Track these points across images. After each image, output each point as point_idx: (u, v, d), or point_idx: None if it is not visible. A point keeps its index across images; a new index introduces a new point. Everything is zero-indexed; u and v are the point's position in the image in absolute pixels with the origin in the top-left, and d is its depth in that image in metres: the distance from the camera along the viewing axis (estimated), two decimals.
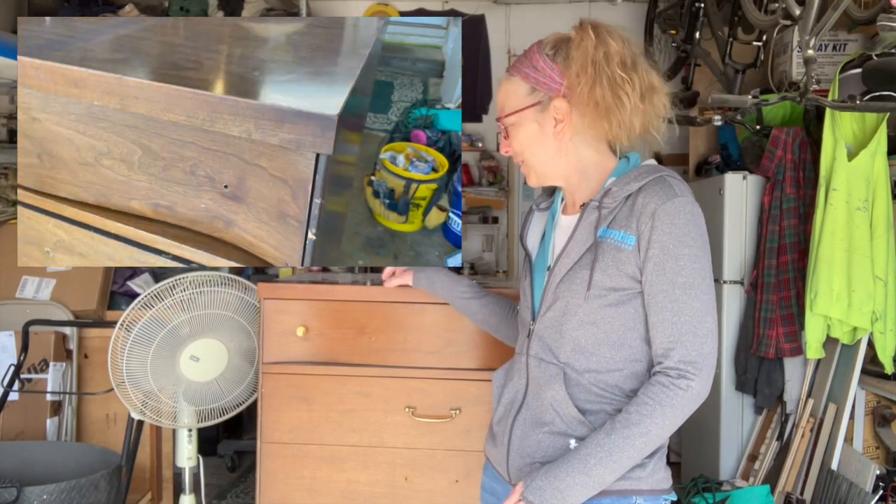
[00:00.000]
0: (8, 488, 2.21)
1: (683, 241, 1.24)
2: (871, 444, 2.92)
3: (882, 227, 2.71)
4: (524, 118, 1.37)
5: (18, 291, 3.03)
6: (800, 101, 2.66)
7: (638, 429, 1.22)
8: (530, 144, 1.37)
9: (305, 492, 1.97)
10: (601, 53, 1.31)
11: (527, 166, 1.41)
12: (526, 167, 1.41)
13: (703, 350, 1.23)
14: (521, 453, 1.36)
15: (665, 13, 4.10)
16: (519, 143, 1.39)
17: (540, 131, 1.36)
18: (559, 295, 1.32)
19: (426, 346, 1.94)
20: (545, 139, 1.36)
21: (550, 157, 1.37)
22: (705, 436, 3.42)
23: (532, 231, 1.49)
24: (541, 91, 1.35)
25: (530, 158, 1.39)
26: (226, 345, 2.32)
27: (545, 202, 1.50)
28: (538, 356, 1.36)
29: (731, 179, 3.27)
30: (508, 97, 1.39)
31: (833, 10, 2.29)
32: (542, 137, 1.36)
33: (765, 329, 3.07)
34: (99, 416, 3.06)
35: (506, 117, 1.39)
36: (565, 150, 1.37)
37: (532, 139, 1.37)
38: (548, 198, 1.51)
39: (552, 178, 1.41)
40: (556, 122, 1.35)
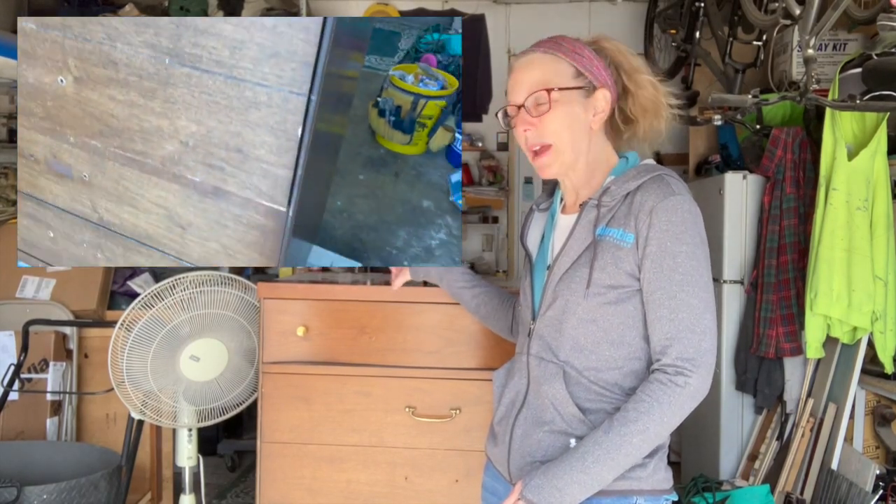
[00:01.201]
0: (8, 488, 2.21)
1: (681, 239, 1.25)
2: (871, 444, 2.92)
3: (882, 227, 2.71)
4: (571, 98, 1.33)
5: (18, 291, 3.03)
6: (800, 100, 2.66)
7: (636, 426, 1.22)
8: (569, 126, 1.33)
9: (305, 492, 1.97)
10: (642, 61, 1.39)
11: (553, 152, 1.34)
12: (551, 153, 1.34)
13: (700, 347, 1.23)
14: (521, 452, 1.36)
15: (665, 13, 4.10)
16: (558, 122, 1.32)
17: (582, 115, 1.34)
18: (559, 293, 1.32)
19: (426, 346, 1.94)
20: (583, 125, 1.35)
21: (581, 144, 1.35)
22: (705, 435, 3.42)
23: (532, 231, 1.49)
24: (587, 77, 1.34)
25: (561, 142, 1.33)
26: (226, 344, 2.32)
27: (545, 202, 1.50)
28: (538, 355, 1.36)
29: (731, 179, 3.26)
30: (552, 72, 1.33)
31: (833, 9, 2.29)
32: (582, 122, 1.35)
33: (765, 329, 3.07)
34: (99, 415, 3.06)
35: (555, 91, 1.31)
36: (592, 143, 1.37)
37: (573, 121, 1.33)
38: (547, 198, 1.50)
39: (572, 167, 1.37)
40: (596, 112, 1.35)
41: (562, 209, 1.45)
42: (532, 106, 1.33)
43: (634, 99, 1.38)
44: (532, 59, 1.36)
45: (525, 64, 1.36)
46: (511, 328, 1.65)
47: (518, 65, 1.37)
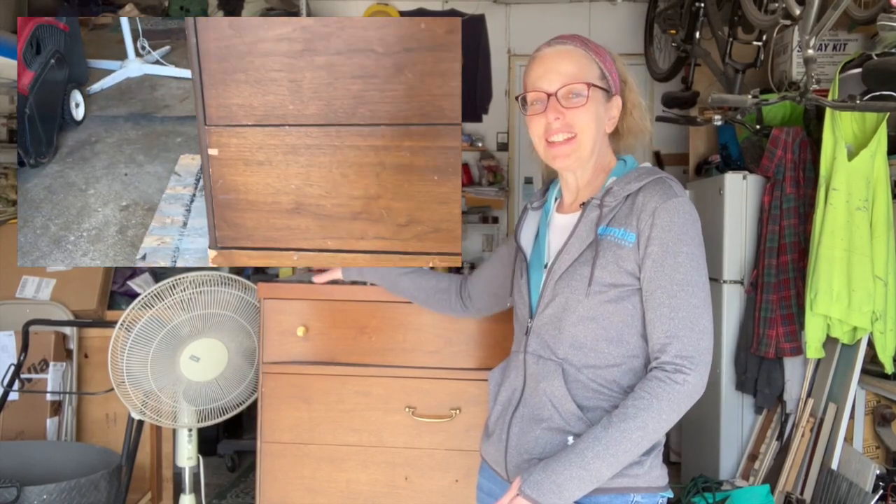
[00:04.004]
0: (8, 488, 2.21)
1: (682, 240, 1.27)
2: (871, 444, 2.92)
3: (882, 227, 2.71)
4: (598, 97, 1.36)
5: (18, 291, 3.03)
6: (800, 100, 2.65)
7: (635, 422, 1.23)
8: (596, 123, 1.36)
9: (305, 491, 1.97)
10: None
11: (576, 143, 1.35)
12: (574, 143, 1.35)
13: (699, 346, 1.25)
14: (519, 450, 1.36)
15: (665, 13, 4.10)
16: (588, 117, 1.34)
17: (603, 116, 1.38)
18: (558, 291, 1.33)
19: (426, 345, 1.94)
20: (602, 126, 1.38)
21: (599, 142, 1.39)
22: (705, 436, 3.42)
23: (526, 229, 1.49)
24: (608, 81, 1.38)
25: (585, 136, 1.35)
26: (226, 344, 2.32)
27: (538, 201, 1.51)
28: (536, 353, 1.36)
29: (731, 179, 3.27)
30: (586, 69, 1.35)
31: (833, 10, 2.29)
32: (602, 123, 1.38)
33: (765, 329, 3.07)
34: (99, 415, 3.06)
35: (591, 86, 1.34)
36: (603, 143, 1.41)
37: (598, 120, 1.37)
38: (541, 196, 1.51)
39: (585, 163, 1.39)
40: (610, 117, 1.39)
41: (557, 208, 1.45)
42: (564, 96, 1.34)
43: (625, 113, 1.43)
44: (569, 50, 1.37)
45: (561, 54, 1.36)
46: (462, 305, 1.72)
47: (551, 53, 1.37)
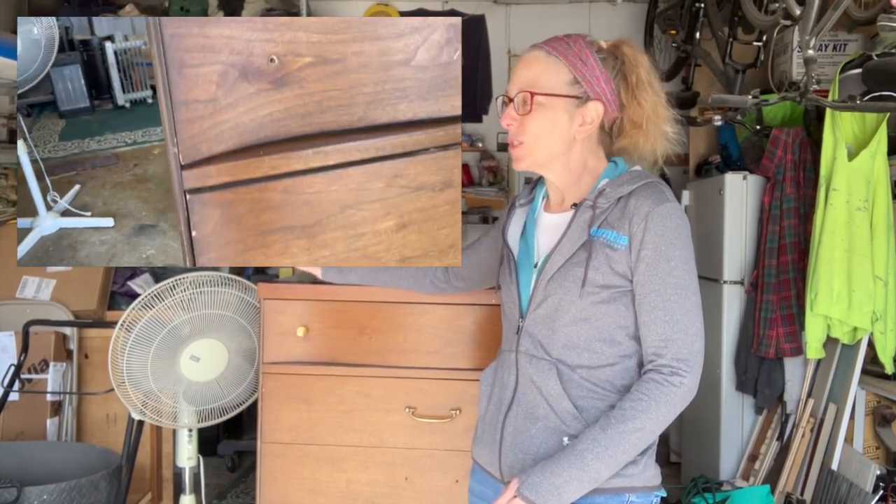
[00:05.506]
0: (8, 488, 2.21)
1: (675, 244, 1.28)
2: (871, 444, 2.92)
3: (882, 228, 2.71)
4: (558, 105, 1.34)
5: (18, 291, 3.03)
6: (800, 101, 2.66)
7: (633, 424, 1.24)
8: (548, 131, 1.34)
9: (305, 492, 1.97)
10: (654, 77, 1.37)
11: (525, 149, 1.36)
12: (523, 149, 1.36)
13: (693, 348, 1.27)
14: (514, 449, 1.36)
15: (665, 13, 4.10)
16: (538, 125, 1.34)
17: (566, 124, 1.34)
18: (551, 291, 1.33)
19: (426, 346, 1.94)
20: (564, 133, 1.35)
21: (557, 150, 1.36)
22: (705, 436, 3.42)
23: (513, 227, 1.49)
24: (583, 86, 1.34)
25: (534, 144, 1.35)
26: (226, 345, 2.32)
27: (525, 198, 1.51)
28: (529, 352, 1.36)
29: (731, 179, 3.26)
30: (546, 75, 1.34)
31: (833, 10, 2.29)
32: (563, 130, 1.35)
33: (765, 329, 3.07)
34: (99, 416, 3.06)
35: (539, 95, 1.33)
36: (573, 150, 1.37)
37: (553, 127, 1.34)
38: (528, 194, 1.51)
39: (544, 168, 1.39)
40: (584, 123, 1.35)
41: (545, 207, 1.45)
42: (519, 103, 1.35)
43: (626, 113, 1.38)
44: (534, 57, 1.37)
45: (526, 60, 1.37)
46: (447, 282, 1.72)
47: (523, 59, 1.39)
